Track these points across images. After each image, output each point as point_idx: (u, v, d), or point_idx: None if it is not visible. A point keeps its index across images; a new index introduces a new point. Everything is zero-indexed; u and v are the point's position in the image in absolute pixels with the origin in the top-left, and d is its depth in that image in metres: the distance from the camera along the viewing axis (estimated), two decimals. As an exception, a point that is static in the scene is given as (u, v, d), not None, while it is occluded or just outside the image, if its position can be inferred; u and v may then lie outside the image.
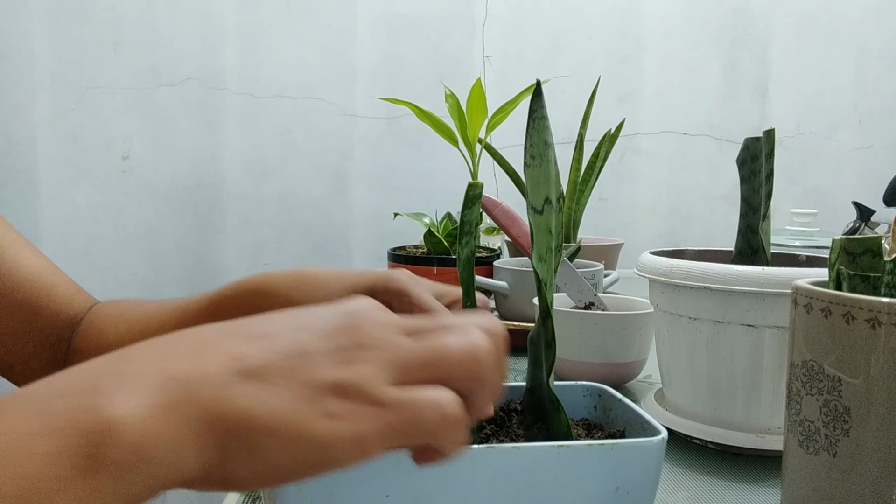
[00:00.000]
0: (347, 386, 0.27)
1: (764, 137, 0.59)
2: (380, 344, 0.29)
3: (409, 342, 0.29)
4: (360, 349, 0.28)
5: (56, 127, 1.75)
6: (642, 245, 0.88)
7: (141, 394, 0.25)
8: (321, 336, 0.29)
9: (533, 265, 0.41)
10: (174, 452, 0.25)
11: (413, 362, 0.29)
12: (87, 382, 0.26)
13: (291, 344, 0.28)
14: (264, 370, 0.27)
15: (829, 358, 0.38)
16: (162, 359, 0.27)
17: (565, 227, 1.26)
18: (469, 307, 0.42)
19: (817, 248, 1.18)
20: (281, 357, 0.28)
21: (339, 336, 0.29)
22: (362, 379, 0.27)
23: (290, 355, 0.28)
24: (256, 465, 0.26)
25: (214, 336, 0.29)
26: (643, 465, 0.38)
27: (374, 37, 1.81)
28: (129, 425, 0.24)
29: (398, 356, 0.29)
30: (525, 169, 0.41)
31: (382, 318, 0.30)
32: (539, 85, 0.41)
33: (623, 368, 0.75)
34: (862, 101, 1.94)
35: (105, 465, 0.23)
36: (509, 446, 0.36)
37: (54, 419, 0.24)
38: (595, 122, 1.28)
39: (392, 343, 0.29)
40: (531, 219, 0.41)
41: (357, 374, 0.28)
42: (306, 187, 1.82)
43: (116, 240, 1.78)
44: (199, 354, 0.27)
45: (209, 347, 0.28)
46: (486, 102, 1.27)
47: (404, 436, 0.27)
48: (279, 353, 0.28)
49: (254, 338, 0.29)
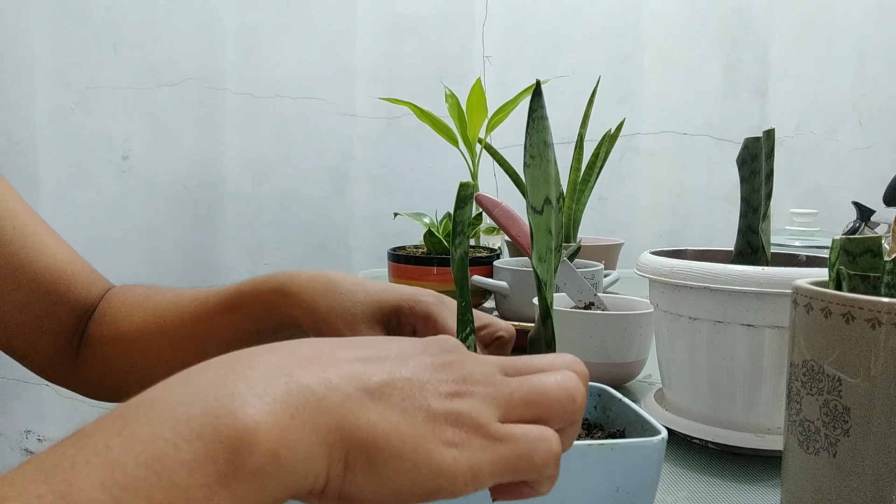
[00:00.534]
0: (463, 417, 0.28)
1: (764, 137, 0.59)
2: (485, 380, 0.29)
3: (510, 380, 0.30)
4: (468, 383, 0.29)
5: (56, 127, 1.75)
6: (642, 245, 0.88)
7: (274, 399, 0.25)
8: (431, 367, 0.29)
9: (533, 265, 0.41)
10: (306, 461, 0.25)
11: (518, 401, 0.29)
12: (219, 387, 0.25)
13: (407, 370, 0.29)
14: (389, 391, 0.27)
15: (829, 358, 0.38)
16: (288, 365, 0.27)
17: (565, 227, 1.26)
18: (463, 308, 0.42)
19: (817, 248, 1.18)
20: (401, 381, 0.28)
21: (447, 369, 0.29)
22: (476, 412, 0.28)
23: (410, 380, 0.28)
24: (378, 485, 0.26)
25: (332, 350, 0.29)
26: (643, 465, 0.38)
27: (374, 37, 1.81)
28: (267, 431, 0.24)
29: (504, 394, 0.29)
30: (525, 169, 0.41)
31: (478, 356, 0.31)
32: (539, 85, 0.41)
33: (623, 368, 0.75)
34: (862, 101, 1.94)
35: (245, 472, 0.23)
36: None
37: (193, 425, 0.23)
38: (595, 122, 1.28)
39: (496, 380, 0.30)
40: (531, 219, 0.41)
41: (470, 407, 0.28)
42: (306, 187, 1.82)
43: (116, 240, 1.78)
44: (324, 366, 0.27)
45: (331, 360, 0.28)
46: (486, 102, 1.27)
47: (515, 470, 0.28)
48: (399, 378, 0.28)
49: (370, 360, 0.29)
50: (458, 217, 0.41)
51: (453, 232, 0.42)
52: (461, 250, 0.42)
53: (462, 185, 0.41)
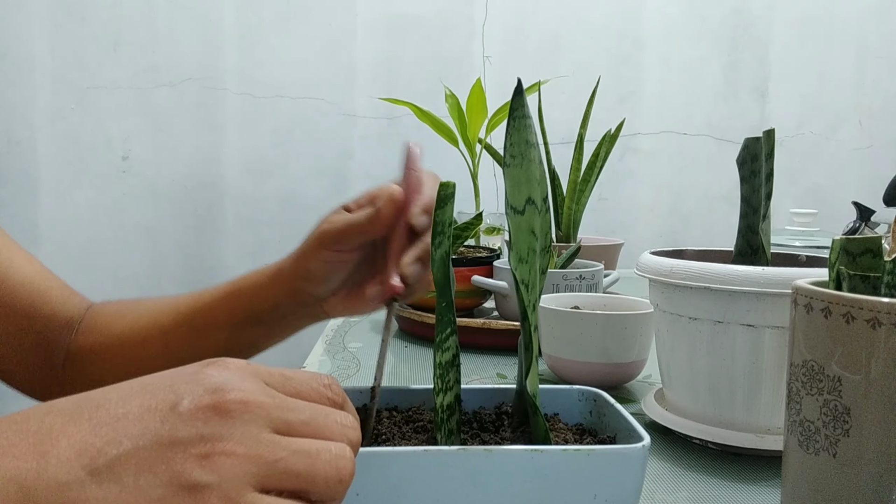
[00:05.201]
0: (207, 488, 0.25)
1: (764, 137, 0.59)
2: (248, 440, 0.26)
3: (278, 444, 0.27)
4: (224, 441, 0.26)
5: (56, 127, 1.75)
6: (642, 245, 0.88)
7: None
8: (181, 419, 0.26)
9: (511, 267, 0.40)
10: None
11: (281, 471, 0.26)
12: None
13: (146, 430, 0.25)
14: (114, 466, 0.25)
15: (829, 358, 0.38)
16: (3, 453, 0.24)
17: (565, 227, 1.26)
18: (444, 308, 0.41)
19: (817, 248, 1.18)
20: (133, 448, 0.25)
21: (201, 421, 0.26)
22: (224, 482, 0.25)
23: (144, 446, 0.25)
24: None
25: (63, 421, 0.26)
26: (623, 472, 0.37)
27: (374, 37, 1.81)
28: None
29: (268, 460, 0.26)
30: (504, 169, 0.40)
31: (251, 398, 0.27)
32: (520, 84, 0.40)
33: (623, 368, 0.75)
34: (862, 101, 1.94)
35: None
36: (481, 448, 0.36)
37: None
38: (595, 122, 1.28)
39: (261, 441, 0.27)
40: (511, 219, 0.40)
41: (219, 477, 0.25)
42: (306, 187, 1.82)
43: (116, 240, 1.78)
44: (43, 448, 0.25)
45: (54, 439, 0.25)
46: (486, 102, 1.27)
47: None
48: (132, 442, 0.25)
49: (103, 423, 0.26)
50: (439, 217, 0.41)
51: (433, 232, 0.41)
52: (441, 251, 0.41)
53: (442, 184, 0.41)
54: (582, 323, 0.74)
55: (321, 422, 0.29)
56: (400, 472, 0.35)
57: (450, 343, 0.41)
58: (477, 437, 0.43)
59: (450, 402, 0.41)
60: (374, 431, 0.42)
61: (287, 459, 0.27)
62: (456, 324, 0.42)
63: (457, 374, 0.42)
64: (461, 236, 0.95)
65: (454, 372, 0.41)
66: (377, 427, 0.42)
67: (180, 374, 0.28)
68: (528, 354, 0.41)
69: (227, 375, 0.28)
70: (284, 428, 0.28)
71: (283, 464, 0.26)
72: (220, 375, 0.28)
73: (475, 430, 0.44)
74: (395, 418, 0.44)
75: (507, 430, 0.43)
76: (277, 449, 0.27)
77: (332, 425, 0.29)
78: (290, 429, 0.28)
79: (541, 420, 0.41)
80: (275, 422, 0.27)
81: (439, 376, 0.41)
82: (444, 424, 0.41)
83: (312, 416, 0.29)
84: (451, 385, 0.41)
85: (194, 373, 0.28)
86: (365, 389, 0.44)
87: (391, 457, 0.36)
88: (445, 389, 0.41)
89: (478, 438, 0.43)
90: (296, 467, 0.27)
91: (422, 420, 0.44)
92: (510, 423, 0.44)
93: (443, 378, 0.41)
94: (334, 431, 0.29)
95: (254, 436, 0.26)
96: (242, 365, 0.29)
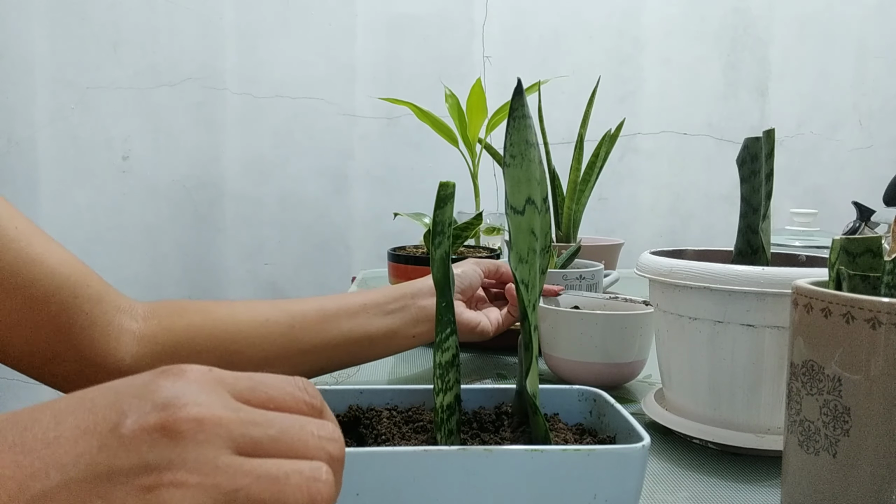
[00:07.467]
0: None
1: (764, 137, 0.59)
2: (201, 467, 0.22)
3: (238, 468, 0.23)
4: (173, 470, 0.22)
5: (56, 127, 1.75)
6: (642, 245, 0.88)
7: None
8: (122, 443, 0.22)
9: (511, 267, 0.40)
10: None
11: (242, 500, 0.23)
12: None
13: (79, 458, 0.22)
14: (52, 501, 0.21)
15: (829, 358, 0.38)
16: None
17: (565, 227, 1.26)
18: (444, 308, 0.41)
19: (817, 248, 1.18)
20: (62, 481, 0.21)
21: (147, 444, 0.22)
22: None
23: (76, 478, 0.22)
24: None
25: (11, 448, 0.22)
26: (622, 472, 0.37)
27: (374, 37, 1.81)
28: None
29: (224, 489, 0.22)
30: (504, 169, 0.40)
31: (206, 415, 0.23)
32: (520, 83, 0.40)
33: (623, 368, 0.75)
34: (862, 101, 1.94)
35: None
36: (481, 448, 0.36)
37: None
38: (595, 122, 1.28)
39: (220, 465, 0.23)
40: (510, 219, 0.40)
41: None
42: (306, 187, 1.82)
43: (116, 240, 1.78)
44: None
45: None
46: (486, 102, 1.27)
47: None
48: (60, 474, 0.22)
49: (28, 451, 0.22)
50: (438, 217, 0.41)
51: (433, 232, 0.41)
52: (441, 250, 0.41)
53: (442, 184, 0.41)
54: (582, 323, 0.74)
55: (295, 435, 0.25)
56: (400, 472, 0.35)
57: (450, 343, 0.41)
58: (477, 437, 0.43)
59: (450, 402, 0.41)
60: (374, 431, 0.42)
61: (249, 487, 0.23)
62: (456, 324, 0.42)
63: (457, 374, 0.42)
64: (461, 236, 0.95)
65: (454, 372, 0.41)
66: (377, 427, 0.42)
67: (129, 385, 0.24)
68: (528, 354, 0.41)
69: (182, 387, 0.24)
70: (249, 447, 0.24)
71: (245, 493, 0.23)
72: (172, 387, 0.24)
73: (475, 430, 0.44)
74: (395, 418, 0.44)
75: (507, 430, 0.43)
76: (238, 475, 0.23)
77: (308, 439, 0.25)
78: (257, 448, 0.24)
79: (541, 420, 0.41)
80: (237, 441, 0.24)
81: (439, 376, 0.41)
82: (444, 424, 0.41)
83: (284, 430, 0.25)
84: (451, 385, 0.41)
85: (144, 384, 0.24)
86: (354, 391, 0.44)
87: (391, 457, 0.36)
88: (445, 389, 0.41)
89: (478, 438, 0.43)
90: (261, 496, 0.23)
91: (422, 420, 0.44)
92: (510, 423, 0.44)
93: (443, 378, 0.41)
94: (310, 446, 0.25)
95: (210, 460, 0.23)
96: (203, 372, 0.25)
